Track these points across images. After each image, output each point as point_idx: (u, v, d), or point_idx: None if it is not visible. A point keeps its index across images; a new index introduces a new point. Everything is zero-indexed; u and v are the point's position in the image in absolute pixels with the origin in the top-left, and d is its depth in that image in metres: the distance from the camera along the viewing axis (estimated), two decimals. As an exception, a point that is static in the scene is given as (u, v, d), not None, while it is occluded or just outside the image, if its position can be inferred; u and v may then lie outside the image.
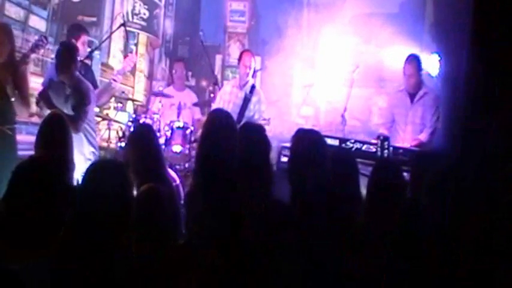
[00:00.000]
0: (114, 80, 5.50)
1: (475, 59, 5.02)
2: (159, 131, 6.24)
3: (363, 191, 3.20)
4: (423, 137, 5.45)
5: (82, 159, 4.70)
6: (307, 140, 3.39)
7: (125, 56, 5.83)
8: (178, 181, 3.75)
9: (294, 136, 3.46)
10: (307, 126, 7.83)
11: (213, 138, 3.41)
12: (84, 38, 5.58)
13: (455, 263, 2.51)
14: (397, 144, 5.17)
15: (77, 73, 4.95)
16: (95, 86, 5.64)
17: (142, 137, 3.68)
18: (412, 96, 5.56)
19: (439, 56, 6.75)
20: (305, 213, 2.88)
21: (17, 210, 2.44)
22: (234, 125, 3.66)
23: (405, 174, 4.12)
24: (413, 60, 5.57)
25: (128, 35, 8.05)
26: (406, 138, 5.45)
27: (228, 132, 3.46)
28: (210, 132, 3.46)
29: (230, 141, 3.39)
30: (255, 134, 3.48)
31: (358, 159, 4.44)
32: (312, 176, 3.12)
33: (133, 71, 9.40)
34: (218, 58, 10.81)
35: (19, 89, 4.61)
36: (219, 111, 3.97)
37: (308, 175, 3.14)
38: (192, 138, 6.32)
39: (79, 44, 5.48)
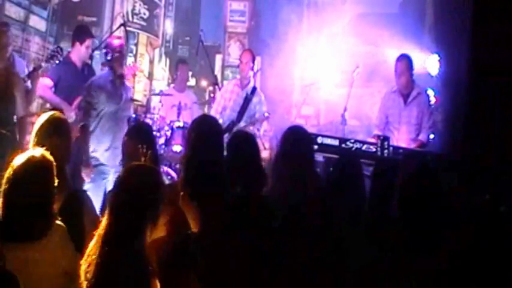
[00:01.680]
0: None
1: (475, 59, 5.03)
2: (159, 130, 6.25)
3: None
4: (423, 137, 5.49)
5: None
6: (292, 138, 3.41)
7: (127, 66, 5.85)
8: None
9: (282, 134, 3.48)
10: (307, 126, 7.84)
11: (198, 144, 3.42)
12: (89, 42, 5.61)
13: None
14: (397, 144, 5.18)
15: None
16: None
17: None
18: (405, 97, 5.60)
19: (439, 56, 6.75)
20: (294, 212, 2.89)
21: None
22: (220, 130, 3.68)
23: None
24: (404, 59, 5.62)
25: (127, 35, 8.05)
26: (400, 139, 5.47)
27: (213, 138, 3.47)
28: (196, 139, 3.47)
29: (216, 147, 3.41)
30: (243, 140, 3.50)
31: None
32: (292, 175, 3.14)
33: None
34: (218, 58, 10.83)
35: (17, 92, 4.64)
36: (204, 118, 4.00)
37: (288, 173, 3.16)
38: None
39: (83, 48, 5.52)
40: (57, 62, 5.06)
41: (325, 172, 4.53)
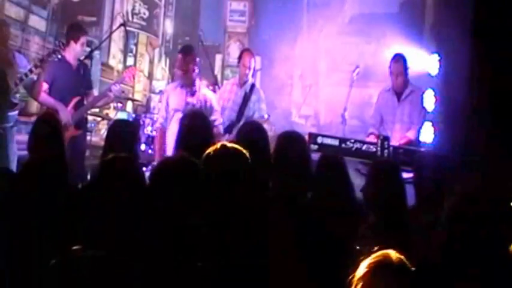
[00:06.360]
0: (113, 85, 5.57)
1: (475, 59, 5.03)
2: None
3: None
4: (412, 134, 5.55)
5: None
6: (285, 143, 3.38)
7: (127, 69, 5.90)
8: None
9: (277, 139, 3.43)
10: (307, 126, 7.85)
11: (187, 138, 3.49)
12: (83, 39, 5.60)
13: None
14: (397, 144, 5.19)
15: None
16: (90, 87, 5.74)
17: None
18: (398, 95, 5.66)
19: (439, 56, 6.75)
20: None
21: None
22: (208, 124, 3.82)
23: (405, 174, 4.12)
24: (400, 60, 5.68)
25: (127, 35, 8.06)
26: (395, 137, 5.50)
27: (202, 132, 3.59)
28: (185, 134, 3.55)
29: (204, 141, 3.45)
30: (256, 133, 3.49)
31: (359, 159, 4.48)
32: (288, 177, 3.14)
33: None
34: (218, 58, 10.81)
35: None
36: (192, 112, 4.09)
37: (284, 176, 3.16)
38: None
39: (78, 46, 5.50)
40: (59, 56, 5.10)
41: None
